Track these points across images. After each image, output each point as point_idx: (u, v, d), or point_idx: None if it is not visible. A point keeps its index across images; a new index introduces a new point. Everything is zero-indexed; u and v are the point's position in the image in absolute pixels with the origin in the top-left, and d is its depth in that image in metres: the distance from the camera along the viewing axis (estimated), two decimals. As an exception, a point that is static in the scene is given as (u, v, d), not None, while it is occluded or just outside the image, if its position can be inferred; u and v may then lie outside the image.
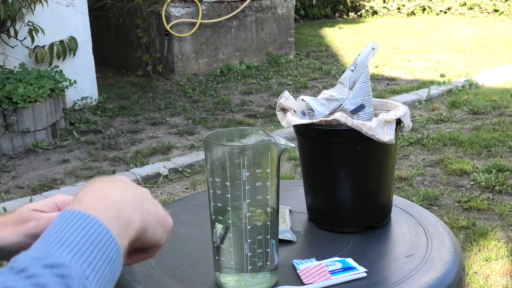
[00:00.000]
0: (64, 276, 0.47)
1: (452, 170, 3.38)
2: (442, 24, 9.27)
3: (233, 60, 6.22)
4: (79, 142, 4.03)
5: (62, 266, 0.48)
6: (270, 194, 0.85)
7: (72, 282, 0.47)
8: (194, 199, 1.28)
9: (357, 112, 1.10)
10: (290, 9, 6.69)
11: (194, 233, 1.11)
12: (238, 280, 0.88)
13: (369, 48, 1.12)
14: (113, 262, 0.54)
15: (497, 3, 9.91)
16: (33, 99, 3.81)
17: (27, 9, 4.22)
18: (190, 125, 4.38)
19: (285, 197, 1.22)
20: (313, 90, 5.39)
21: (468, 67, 6.14)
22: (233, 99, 5.10)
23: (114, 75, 6.13)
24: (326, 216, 1.11)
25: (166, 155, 3.79)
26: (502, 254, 2.45)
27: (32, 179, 3.44)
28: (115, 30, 6.23)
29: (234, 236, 0.86)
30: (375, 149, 1.04)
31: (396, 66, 6.31)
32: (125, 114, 4.67)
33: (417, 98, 4.92)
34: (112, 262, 0.54)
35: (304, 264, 0.95)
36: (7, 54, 4.27)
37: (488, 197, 3.01)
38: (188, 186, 3.32)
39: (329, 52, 7.24)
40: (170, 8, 5.66)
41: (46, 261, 0.47)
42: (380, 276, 0.92)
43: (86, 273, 0.50)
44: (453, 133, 3.99)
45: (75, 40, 4.62)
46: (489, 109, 4.58)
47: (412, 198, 2.99)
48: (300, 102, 1.12)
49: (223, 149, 0.84)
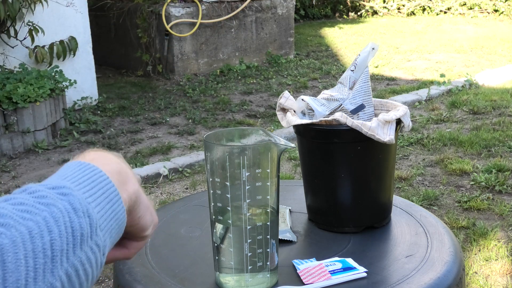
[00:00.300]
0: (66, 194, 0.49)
1: (452, 170, 3.38)
2: (442, 24, 9.27)
3: (233, 60, 6.22)
4: (79, 142, 4.03)
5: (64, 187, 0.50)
6: (270, 194, 0.85)
7: (74, 200, 0.49)
8: (194, 199, 1.28)
9: (357, 112, 1.10)
10: (290, 9, 6.69)
11: (194, 233, 1.11)
12: (238, 280, 0.88)
13: (369, 48, 1.12)
14: (115, 206, 0.54)
15: (497, 3, 9.91)
16: (33, 99, 3.81)
17: (27, 9, 4.22)
18: (190, 125, 4.38)
19: (285, 197, 1.22)
20: (313, 90, 5.39)
21: (468, 67, 6.14)
22: (233, 99, 5.10)
23: (114, 75, 6.13)
24: (326, 216, 1.11)
25: (166, 155, 3.79)
26: (502, 254, 2.45)
27: (32, 179, 3.44)
28: (115, 30, 6.23)
29: (234, 236, 0.86)
30: (375, 149, 1.04)
31: (396, 66, 6.31)
32: (125, 114, 4.67)
33: (417, 98, 4.92)
34: (114, 205, 0.54)
35: (304, 264, 0.95)
36: (7, 54, 4.27)
37: (488, 197, 3.01)
38: (188, 186, 3.32)
39: (329, 52, 7.24)
40: (170, 8, 5.66)
41: (50, 185, 0.50)
42: (380, 276, 0.92)
43: (89, 200, 0.51)
44: (453, 133, 3.99)
45: (75, 40, 4.62)
46: (489, 109, 4.58)
47: (412, 198, 2.99)
48: (300, 102, 1.12)
49: (223, 149, 0.84)
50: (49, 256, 0.44)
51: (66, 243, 0.46)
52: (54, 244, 0.45)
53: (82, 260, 0.47)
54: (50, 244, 0.44)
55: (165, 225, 1.14)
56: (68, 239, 0.46)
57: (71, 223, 0.47)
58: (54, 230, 0.45)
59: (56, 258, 0.45)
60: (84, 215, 0.49)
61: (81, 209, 0.49)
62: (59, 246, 0.45)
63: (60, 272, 0.45)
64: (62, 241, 0.46)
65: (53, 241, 0.45)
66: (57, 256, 0.45)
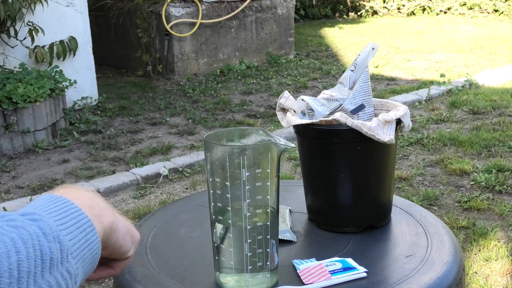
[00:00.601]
0: (36, 220, 0.48)
1: (452, 170, 3.38)
2: (442, 24, 9.27)
3: (233, 60, 6.22)
4: (79, 142, 4.03)
5: (35, 214, 0.49)
6: (270, 194, 0.85)
7: (44, 225, 0.48)
8: (194, 199, 1.28)
9: (357, 112, 1.10)
10: (290, 9, 6.69)
11: (194, 233, 1.11)
12: (238, 280, 0.88)
13: (369, 48, 1.12)
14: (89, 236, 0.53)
15: (497, 3, 9.91)
16: (33, 99, 3.81)
17: (27, 9, 4.22)
18: (190, 125, 4.38)
19: (285, 197, 1.22)
20: (313, 90, 5.39)
21: (468, 67, 6.14)
22: (233, 99, 5.10)
23: (114, 75, 6.13)
24: (326, 216, 1.11)
25: (166, 155, 3.79)
26: (502, 254, 2.45)
27: (32, 179, 3.44)
28: (115, 30, 6.23)
29: (234, 236, 0.86)
30: (375, 149, 1.04)
31: (396, 66, 6.31)
32: (125, 114, 4.67)
33: (417, 98, 4.92)
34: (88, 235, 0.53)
35: (304, 264, 0.95)
36: (7, 54, 4.27)
37: (488, 197, 3.01)
38: (188, 186, 3.32)
39: (329, 52, 7.24)
40: (170, 8, 5.66)
41: (20, 212, 0.49)
42: (380, 276, 0.92)
43: (60, 227, 0.50)
44: (453, 133, 3.99)
45: (75, 40, 4.62)
46: (489, 109, 4.58)
47: (412, 198, 2.99)
48: (300, 102, 1.12)
49: (223, 149, 0.84)
50: (15, 277, 0.43)
51: (34, 266, 0.45)
52: (21, 265, 0.43)
53: (51, 285, 0.46)
54: (17, 264, 0.43)
55: (165, 225, 1.14)
56: (36, 262, 0.45)
57: (40, 247, 0.46)
58: (22, 251, 0.44)
59: (22, 280, 0.43)
60: (55, 240, 0.48)
61: (51, 234, 0.48)
62: (26, 268, 0.44)
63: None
64: (30, 263, 0.44)
65: (20, 261, 0.44)
66: (23, 278, 0.43)
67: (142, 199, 3.16)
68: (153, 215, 1.20)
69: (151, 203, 3.10)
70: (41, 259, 0.45)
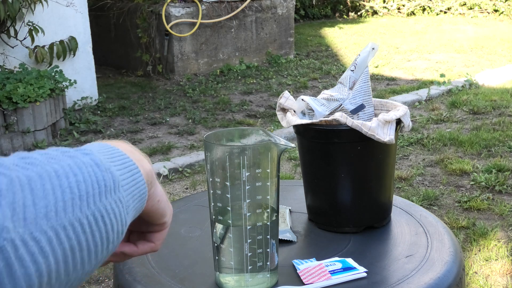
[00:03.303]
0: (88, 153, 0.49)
1: (452, 170, 3.38)
2: (442, 24, 9.28)
3: (233, 60, 6.22)
4: (79, 142, 4.03)
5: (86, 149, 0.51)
6: (270, 194, 0.85)
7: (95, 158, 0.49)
8: (194, 199, 1.28)
9: (357, 112, 1.10)
10: (290, 9, 6.69)
11: (194, 233, 1.11)
12: (238, 280, 0.88)
13: (369, 48, 1.12)
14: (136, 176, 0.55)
15: (497, 3, 9.91)
16: (33, 99, 3.81)
17: (27, 9, 4.22)
18: (190, 125, 4.38)
19: (285, 197, 1.22)
20: (313, 90, 5.39)
21: (468, 67, 6.14)
22: (233, 99, 5.10)
23: (114, 75, 6.13)
24: (326, 216, 1.11)
25: (166, 155, 3.79)
26: (502, 254, 2.45)
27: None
28: (115, 30, 6.23)
29: (234, 236, 0.86)
30: (375, 149, 1.04)
31: (396, 66, 6.31)
32: (125, 114, 4.67)
33: (417, 98, 4.92)
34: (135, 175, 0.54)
35: (304, 264, 0.95)
36: (7, 54, 4.27)
37: (488, 197, 3.01)
38: (188, 186, 3.32)
39: (329, 52, 7.24)
40: (170, 8, 5.66)
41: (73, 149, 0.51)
42: (380, 276, 0.92)
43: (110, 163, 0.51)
44: (453, 133, 3.99)
45: (75, 40, 4.62)
46: (489, 109, 4.58)
47: (412, 198, 2.99)
48: (300, 102, 1.12)
49: (223, 149, 0.84)
50: (77, 194, 0.45)
51: (92, 188, 0.46)
52: (80, 185, 0.45)
53: (107, 209, 0.47)
54: (76, 184, 0.45)
55: (165, 225, 1.14)
56: (93, 186, 0.47)
57: (95, 174, 0.48)
58: (79, 174, 0.46)
59: (83, 198, 0.45)
60: (107, 171, 0.49)
61: (103, 165, 0.49)
62: (85, 189, 0.46)
63: (87, 212, 0.45)
64: (87, 186, 0.46)
65: (79, 182, 0.45)
66: (84, 196, 0.45)
67: (142, 199, 3.16)
68: (153, 215, 1.20)
69: (151, 203, 3.10)
70: (97, 183, 0.47)
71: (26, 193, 0.40)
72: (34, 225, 0.40)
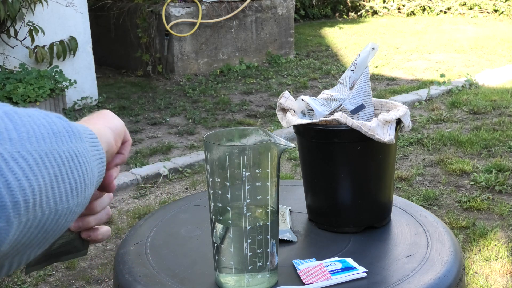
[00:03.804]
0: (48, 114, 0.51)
1: (452, 170, 3.38)
2: (442, 24, 9.28)
3: (233, 60, 6.22)
4: (79, 142, 4.03)
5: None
6: (270, 194, 0.85)
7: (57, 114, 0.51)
8: (194, 199, 1.28)
9: (357, 112, 1.10)
10: (290, 9, 6.69)
11: (194, 233, 1.11)
12: (238, 280, 0.88)
13: (369, 48, 1.12)
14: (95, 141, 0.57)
15: (497, 3, 9.91)
16: (33, 99, 3.81)
17: (27, 9, 4.22)
18: (190, 125, 4.38)
19: (285, 197, 1.22)
20: (313, 90, 5.39)
21: (468, 67, 6.14)
22: (233, 99, 5.10)
23: (114, 75, 6.13)
24: (326, 216, 1.11)
25: (166, 155, 3.79)
26: (502, 254, 2.45)
27: (32, 179, 3.44)
28: (115, 30, 6.23)
29: (234, 236, 0.86)
30: (375, 149, 1.04)
31: (396, 66, 6.31)
32: (125, 114, 4.67)
33: (417, 98, 4.92)
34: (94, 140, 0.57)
35: (304, 264, 0.95)
36: (7, 54, 4.27)
37: (488, 197, 3.01)
38: (188, 186, 3.32)
39: (329, 52, 7.24)
40: (170, 8, 5.66)
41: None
42: (380, 276, 0.92)
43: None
44: (453, 133, 3.99)
45: (75, 40, 4.62)
46: (489, 109, 4.58)
47: (412, 198, 2.99)
48: (300, 102, 1.12)
49: (223, 149, 0.84)
50: (50, 130, 0.47)
51: (64, 130, 0.49)
52: (52, 125, 0.48)
53: (79, 151, 0.50)
54: (48, 124, 0.47)
55: (165, 225, 1.14)
56: (64, 128, 0.49)
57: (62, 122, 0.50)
58: (50, 118, 0.48)
59: (56, 135, 0.47)
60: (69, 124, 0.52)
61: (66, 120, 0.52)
62: (57, 128, 0.48)
63: (63, 148, 0.47)
64: (59, 127, 0.48)
65: (51, 123, 0.48)
66: (57, 134, 0.48)
67: (142, 199, 3.16)
68: (153, 215, 1.20)
69: (151, 203, 3.10)
70: (65, 129, 0.50)
71: (5, 121, 0.43)
72: (20, 146, 0.42)
